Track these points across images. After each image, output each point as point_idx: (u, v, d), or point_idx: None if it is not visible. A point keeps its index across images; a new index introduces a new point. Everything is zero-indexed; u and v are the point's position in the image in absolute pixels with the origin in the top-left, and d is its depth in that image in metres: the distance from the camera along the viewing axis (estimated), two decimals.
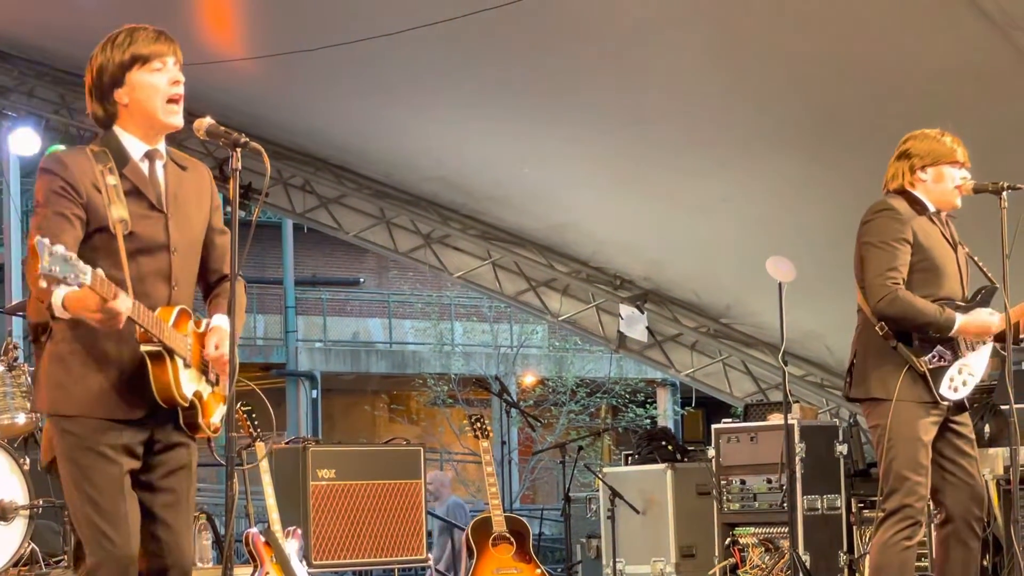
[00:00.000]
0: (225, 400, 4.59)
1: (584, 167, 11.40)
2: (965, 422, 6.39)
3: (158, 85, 4.54)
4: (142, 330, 4.38)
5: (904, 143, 6.48)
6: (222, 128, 4.55)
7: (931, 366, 6.27)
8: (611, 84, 10.00)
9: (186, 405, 4.48)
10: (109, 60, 4.54)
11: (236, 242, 4.52)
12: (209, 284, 4.79)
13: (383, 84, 10.88)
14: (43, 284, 4.02)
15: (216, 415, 4.59)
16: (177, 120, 4.59)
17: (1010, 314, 6.33)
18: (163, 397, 4.44)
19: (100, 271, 4.14)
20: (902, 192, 6.42)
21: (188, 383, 4.49)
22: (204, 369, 4.58)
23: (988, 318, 6.31)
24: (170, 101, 4.56)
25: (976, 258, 6.48)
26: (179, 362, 4.45)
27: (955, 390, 6.28)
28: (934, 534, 6.44)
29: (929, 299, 6.29)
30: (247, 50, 10.60)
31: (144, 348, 4.40)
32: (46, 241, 3.99)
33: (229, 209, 4.56)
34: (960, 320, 6.24)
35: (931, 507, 6.46)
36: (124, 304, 4.22)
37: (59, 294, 4.21)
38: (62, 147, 11.54)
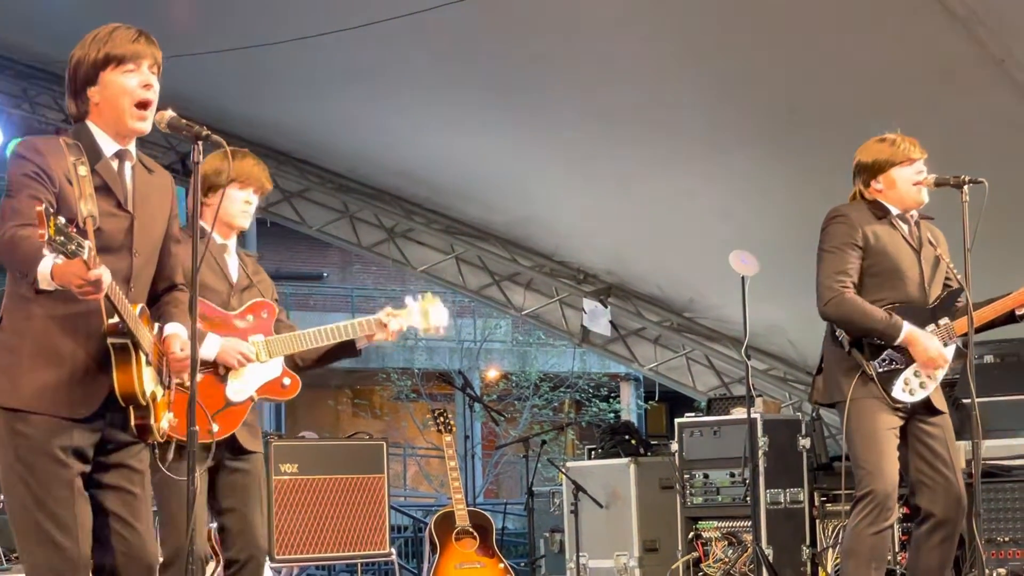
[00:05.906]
0: (171, 407, 4.56)
1: (547, 161, 11.39)
2: (939, 423, 6.39)
3: (128, 87, 4.48)
4: (112, 321, 4.32)
5: (855, 159, 6.51)
6: (184, 121, 4.52)
7: (881, 369, 6.29)
8: (574, 78, 9.99)
9: (144, 404, 4.42)
10: (85, 57, 4.50)
11: (196, 236, 4.49)
12: (157, 291, 4.72)
13: (346, 78, 10.85)
14: (45, 251, 3.96)
15: (164, 420, 4.52)
16: (144, 126, 4.53)
17: (1007, 300, 6.36)
18: (124, 393, 4.37)
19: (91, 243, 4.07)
20: (864, 199, 6.46)
21: (149, 381, 4.43)
22: (159, 371, 4.53)
23: (934, 352, 6.28)
24: (139, 105, 4.50)
25: (948, 260, 6.48)
26: (143, 358, 4.41)
27: (911, 392, 6.30)
28: (913, 532, 6.44)
29: (883, 303, 6.31)
30: (210, 43, 10.53)
31: (112, 341, 4.33)
32: (52, 210, 3.95)
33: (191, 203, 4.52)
34: (907, 331, 6.24)
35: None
36: (107, 275, 4.13)
37: (47, 264, 4.11)
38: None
